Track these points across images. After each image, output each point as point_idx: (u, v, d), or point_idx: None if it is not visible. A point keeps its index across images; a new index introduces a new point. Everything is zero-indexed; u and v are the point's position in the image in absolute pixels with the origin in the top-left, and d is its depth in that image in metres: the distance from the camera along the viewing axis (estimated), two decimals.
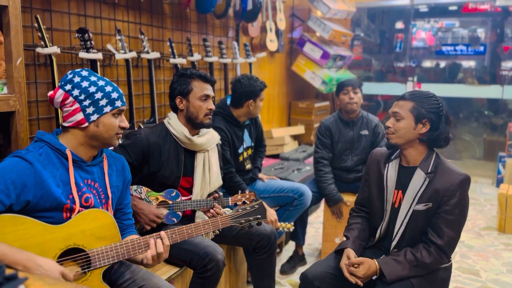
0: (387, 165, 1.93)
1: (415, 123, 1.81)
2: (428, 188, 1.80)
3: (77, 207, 1.47)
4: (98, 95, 1.50)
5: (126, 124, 1.58)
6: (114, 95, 1.54)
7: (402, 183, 1.87)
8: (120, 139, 1.61)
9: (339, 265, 1.86)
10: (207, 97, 2.15)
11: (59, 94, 1.51)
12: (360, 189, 2.10)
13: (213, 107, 2.17)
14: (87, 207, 1.51)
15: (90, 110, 1.50)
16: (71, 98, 1.49)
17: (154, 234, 1.58)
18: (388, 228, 1.93)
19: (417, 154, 1.85)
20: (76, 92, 1.49)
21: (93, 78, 1.53)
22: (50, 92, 1.55)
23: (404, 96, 1.86)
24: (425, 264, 1.78)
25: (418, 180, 1.82)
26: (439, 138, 1.82)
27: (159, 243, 1.55)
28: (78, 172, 1.51)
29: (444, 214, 1.78)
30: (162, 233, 1.58)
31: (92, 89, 1.50)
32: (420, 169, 1.82)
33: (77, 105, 1.49)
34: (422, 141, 1.83)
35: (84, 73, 1.54)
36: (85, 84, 1.50)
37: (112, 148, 1.84)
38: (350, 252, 1.87)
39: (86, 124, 1.50)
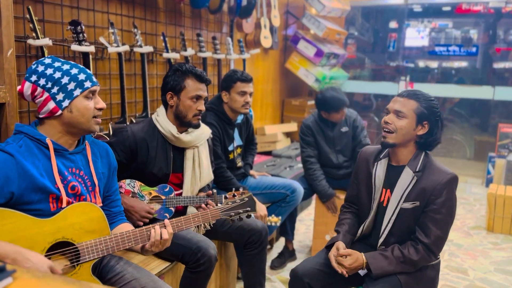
0: (376, 163, 1.93)
1: (416, 124, 1.80)
2: (416, 186, 1.81)
3: (64, 196, 1.45)
4: (65, 79, 1.46)
5: (102, 104, 1.53)
6: (82, 76, 1.49)
7: (391, 182, 1.88)
8: (98, 124, 1.55)
9: (328, 255, 1.88)
10: (199, 97, 2.09)
11: (27, 87, 1.47)
12: (350, 186, 2.11)
13: (203, 108, 2.12)
14: (74, 195, 1.50)
15: (60, 96, 1.46)
16: (39, 89, 1.46)
17: (158, 223, 1.59)
18: (375, 225, 1.95)
19: (407, 153, 1.86)
20: (42, 81, 1.45)
21: (57, 64, 1.49)
22: (19, 87, 1.51)
23: (407, 95, 1.83)
24: (412, 261, 1.79)
25: (405, 178, 1.83)
26: (433, 142, 1.83)
27: (164, 230, 1.57)
28: (61, 160, 1.49)
29: (431, 213, 1.79)
30: (166, 221, 1.61)
31: (58, 75, 1.46)
32: (409, 167, 1.83)
33: (46, 94, 1.45)
34: (416, 142, 1.84)
35: (47, 60, 1.49)
36: (49, 71, 1.46)
37: None
38: (340, 244, 1.90)
39: (60, 111, 1.46)
